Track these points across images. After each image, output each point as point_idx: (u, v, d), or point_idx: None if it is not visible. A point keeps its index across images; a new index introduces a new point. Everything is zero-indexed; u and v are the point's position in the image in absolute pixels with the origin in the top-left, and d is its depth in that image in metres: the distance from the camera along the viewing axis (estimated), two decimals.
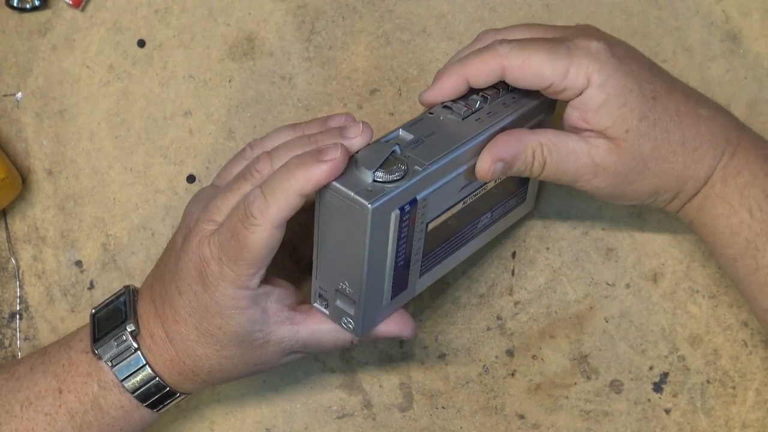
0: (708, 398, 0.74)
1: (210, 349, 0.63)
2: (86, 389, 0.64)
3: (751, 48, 0.73)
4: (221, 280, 0.60)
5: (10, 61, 0.75)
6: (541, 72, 0.59)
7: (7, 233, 0.76)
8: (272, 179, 0.58)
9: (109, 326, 0.65)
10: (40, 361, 0.66)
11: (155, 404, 0.65)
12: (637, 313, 0.74)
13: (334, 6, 0.74)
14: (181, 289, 0.62)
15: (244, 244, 0.58)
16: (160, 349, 0.64)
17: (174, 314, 0.63)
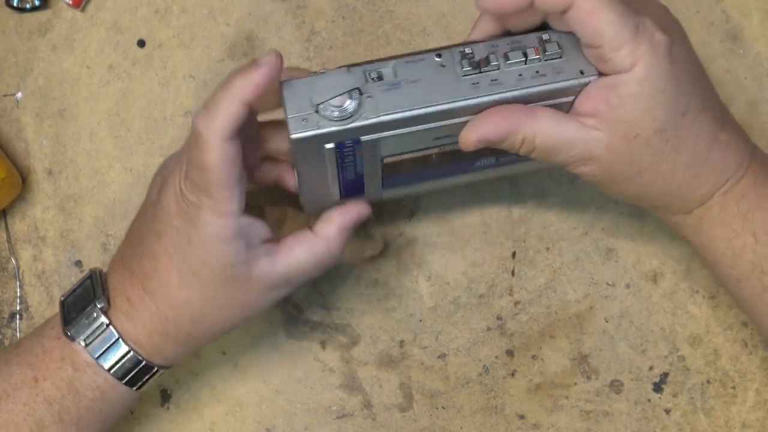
0: (708, 398, 0.74)
1: (193, 291, 0.61)
2: (61, 374, 0.63)
3: (751, 48, 0.73)
4: (201, 208, 0.59)
5: (10, 61, 0.75)
6: (603, 31, 0.56)
7: (7, 233, 0.76)
8: (213, 95, 0.58)
9: (78, 308, 0.64)
10: (15, 353, 0.65)
11: (134, 381, 0.64)
12: (637, 313, 0.74)
13: (334, 6, 0.74)
14: (160, 232, 0.61)
15: (203, 166, 0.58)
16: (138, 309, 0.62)
17: (153, 264, 0.61)
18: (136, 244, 0.63)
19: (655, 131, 0.58)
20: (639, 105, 0.57)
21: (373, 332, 0.75)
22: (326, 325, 0.75)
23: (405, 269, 0.75)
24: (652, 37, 0.56)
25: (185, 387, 0.75)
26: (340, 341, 0.75)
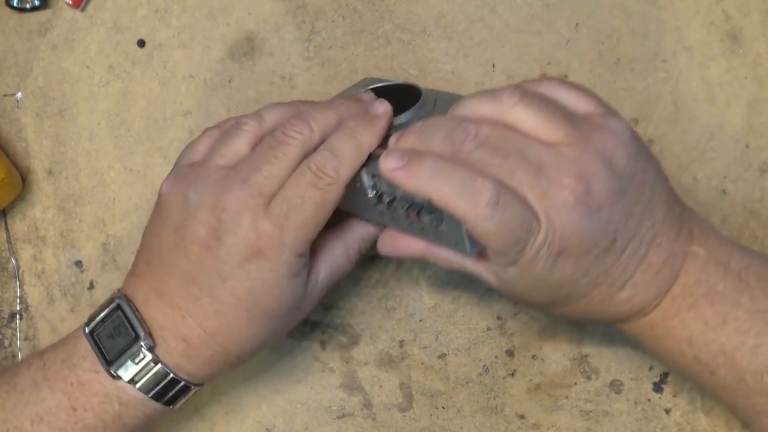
0: (708, 398, 0.74)
1: (263, 328, 0.62)
2: (105, 408, 0.63)
3: (751, 48, 0.73)
4: (284, 249, 0.60)
5: (10, 61, 0.75)
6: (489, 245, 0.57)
7: (7, 233, 0.76)
8: (336, 140, 0.61)
9: (118, 345, 0.62)
10: (42, 376, 0.64)
11: (175, 399, 0.64)
12: None
13: (334, 6, 0.74)
14: (226, 275, 0.60)
15: (320, 206, 0.60)
16: (198, 350, 0.62)
17: (216, 306, 0.61)
18: (186, 284, 0.61)
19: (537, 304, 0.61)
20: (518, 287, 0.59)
21: (373, 332, 0.75)
22: (326, 325, 0.75)
23: (405, 269, 0.75)
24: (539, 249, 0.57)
25: None
26: (340, 341, 0.75)
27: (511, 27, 0.73)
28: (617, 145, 0.58)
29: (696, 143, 0.73)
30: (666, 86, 0.73)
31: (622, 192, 0.58)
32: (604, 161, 0.57)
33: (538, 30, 0.73)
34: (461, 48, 0.74)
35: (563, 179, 0.56)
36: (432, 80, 0.74)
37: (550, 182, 0.56)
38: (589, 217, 0.56)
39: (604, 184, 0.57)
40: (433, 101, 0.66)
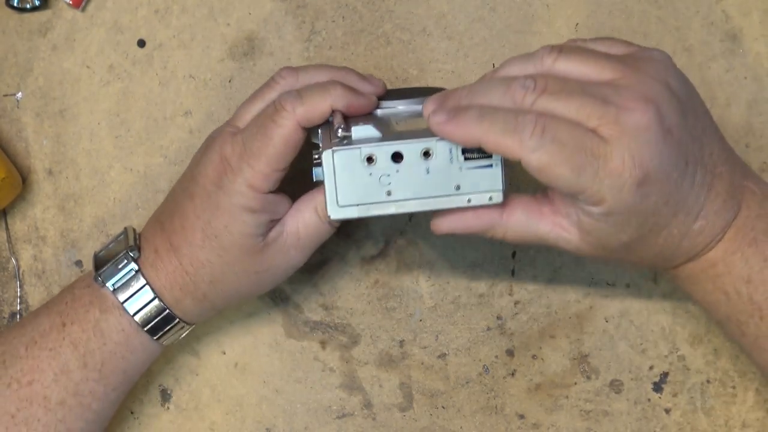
0: (708, 398, 0.74)
1: (213, 254, 0.64)
2: (88, 317, 0.66)
3: (751, 48, 0.73)
4: (238, 176, 0.62)
5: (10, 61, 0.75)
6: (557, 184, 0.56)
7: (7, 233, 0.76)
8: (309, 87, 0.63)
9: (109, 256, 0.67)
10: (44, 306, 0.68)
11: (155, 330, 0.66)
12: (637, 313, 0.74)
13: (334, 6, 0.74)
14: (193, 193, 0.64)
15: (270, 137, 0.61)
16: (162, 260, 0.65)
17: (182, 221, 0.65)
18: (171, 203, 0.67)
19: (621, 246, 0.59)
20: (605, 230, 0.58)
21: (373, 332, 0.75)
22: (326, 325, 0.75)
23: (405, 269, 0.75)
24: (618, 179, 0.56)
25: (185, 387, 0.75)
26: (340, 341, 0.75)
27: (511, 27, 0.73)
28: (666, 69, 0.58)
29: None
30: None
31: (684, 114, 0.58)
32: (662, 83, 0.57)
33: (538, 30, 0.73)
34: (461, 48, 0.74)
35: (630, 103, 0.56)
36: (432, 80, 0.74)
37: (618, 109, 0.56)
38: (663, 138, 0.56)
39: (670, 104, 0.57)
40: None
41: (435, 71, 0.74)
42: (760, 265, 0.60)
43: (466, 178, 0.60)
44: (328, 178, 0.60)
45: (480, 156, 0.59)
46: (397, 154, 0.59)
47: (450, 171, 0.60)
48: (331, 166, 0.59)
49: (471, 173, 0.60)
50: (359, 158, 0.59)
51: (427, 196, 0.60)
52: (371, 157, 0.59)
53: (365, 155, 0.59)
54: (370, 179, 0.60)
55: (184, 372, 0.75)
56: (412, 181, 0.60)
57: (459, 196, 0.60)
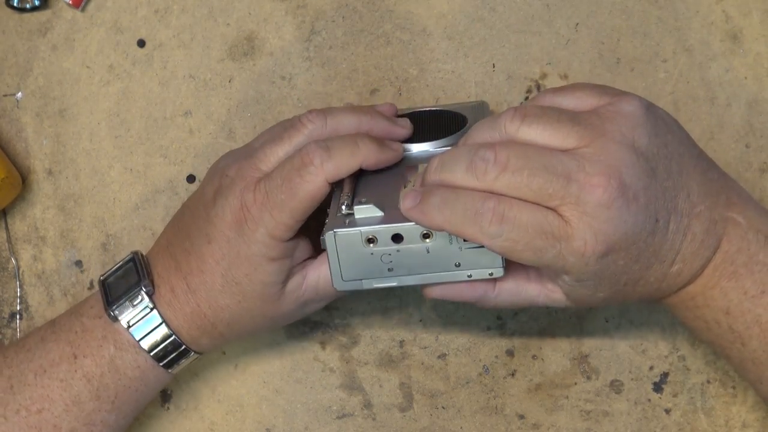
0: (708, 398, 0.74)
1: (232, 300, 0.64)
2: (102, 352, 0.65)
3: (751, 48, 0.73)
4: (260, 226, 0.61)
5: (10, 61, 0.75)
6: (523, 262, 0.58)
7: (7, 233, 0.76)
8: (339, 140, 0.61)
9: (121, 289, 0.65)
10: (51, 331, 0.67)
11: (170, 364, 0.66)
12: (637, 313, 0.74)
13: (334, 6, 0.74)
14: (211, 236, 0.63)
15: (296, 192, 0.60)
16: (180, 302, 0.65)
17: (199, 264, 0.64)
18: (185, 239, 0.65)
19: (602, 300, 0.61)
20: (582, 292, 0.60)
21: (373, 332, 0.75)
22: (326, 325, 0.75)
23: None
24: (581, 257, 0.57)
25: (185, 387, 0.75)
26: (340, 341, 0.75)
27: (511, 27, 0.73)
28: (633, 127, 0.58)
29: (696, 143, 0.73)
30: (666, 86, 0.73)
31: (652, 172, 0.58)
32: (626, 147, 0.57)
33: (538, 30, 0.73)
34: (461, 48, 0.74)
35: (593, 180, 0.56)
36: (432, 80, 0.74)
37: (581, 187, 0.56)
38: (627, 209, 0.57)
39: (634, 171, 0.57)
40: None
41: (435, 71, 0.74)
42: (739, 297, 0.61)
43: (466, 257, 0.61)
44: (331, 255, 0.61)
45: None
46: (397, 235, 0.60)
47: (450, 251, 0.61)
48: (334, 245, 0.60)
49: (471, 252, 0.61)
50: (360, 239, 0.60)
51: (428, 272, 0.61)
52: (372, 238, 0.60)
53: (366, 237, 0.60)
54: (372, 258, 0.61)
55: (184, 372, 0.75)
56: (412, 259, 0.61)
57: (460, 272, 0.61)
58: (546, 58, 0.73)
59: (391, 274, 0.61)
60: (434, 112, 0.70)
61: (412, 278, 0.61)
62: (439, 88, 0.74)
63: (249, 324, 0.66)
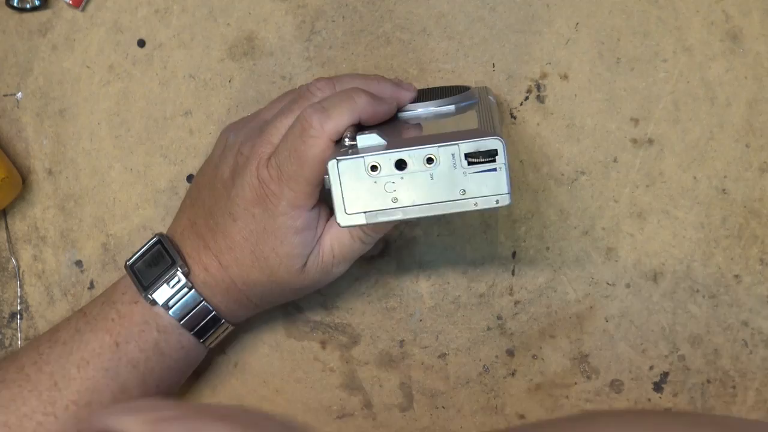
0: (708, 398, 0.74)
1: (262, 275, 0.65)
2: (145, 336, 0.66)
3: (751, 48, 0.73)
4: (281, 199, 0.62)
5: (10, 61, 0.75)
6: None
7: (7, 233, 0.76)
8: (333, 97, 0.62)
9: (155, 272, 0.66)
10: (84, 321, 0.67)
11: (209, 338, 0.67)
12: (638, 312, 0.74)
13: (334, 6, 0.74)
14: (236, 215, 0.64)
15: (304, 159, 0.61)
16: (216, 279, 0.65)
17: (228, 242, 0.64)
18: (208, 218, 0.66)
19: None
20: None
21: (373, 332, 0.75)
22: (326, 325, 0.75)
23: (405, 269, 0.75)
24: None
25: (185, 387, 0.75)
26: (340, 341, 0.75)
27: (511, 27, 0.73)
28: None
29: (696, 143, 0.73)
30: (666, 86, 0.73)
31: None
32: None
33: (538, 30, 0.73)
34: (461, 48, 0.74)
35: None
36: (432, 80, 0.74)
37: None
38: None
39: None
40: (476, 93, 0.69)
41: (435, 71, 0.74)
42: None
43: (471, 182, 0.60)
44: (334, 187, 0.60)
45: (484, 160, 0.60)
46: (401, 161, 0.60)
47: (454, 176, 0.60)
48: (337, 175, 0.60)
49: (475, 178, 0.60)
50: (363, 167, 0.60)
51: (434, 201, 0.60)
52: (375, 166, 0.60)
53: (369, 164, 0.60)
54: (375, 187, 0.60)
55: None
56: (417, 187, 0.60)
57: (465, 200, 0.60)
58: (546, 58, 0.73)
59: (395, 206, 0.60)
60: (438, 88, 0.71)
61: (418, 209, 0.60)
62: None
63: (279, 295, 0.68)
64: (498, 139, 0.59)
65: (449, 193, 0.60)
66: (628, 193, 0.73)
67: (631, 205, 0.73)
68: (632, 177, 0.73)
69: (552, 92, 0.73)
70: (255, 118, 0.67)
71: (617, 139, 0.73)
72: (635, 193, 0.73)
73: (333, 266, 0.66)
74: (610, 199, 0.74)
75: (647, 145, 0.73)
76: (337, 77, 0.66)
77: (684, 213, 0.73)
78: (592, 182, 0.73)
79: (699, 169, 0.73)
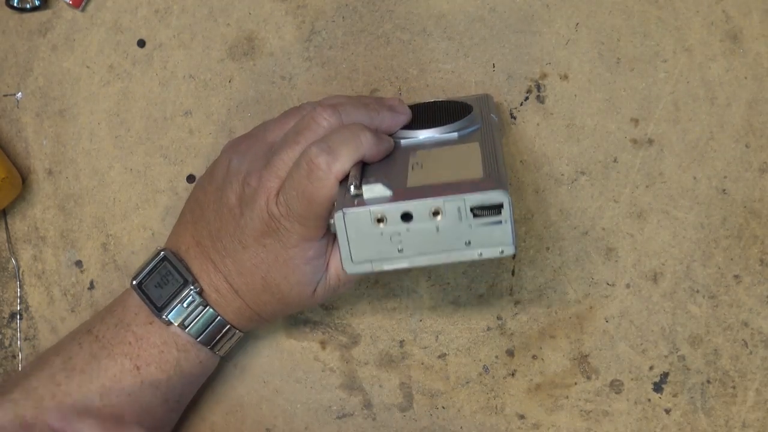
0: (708, 398, 0.74)
1: (273, 298, 0.66)
2: (166, 357, 0.66)
3: (751, 48, 0.73)
4: (293, 234, 0.63)
5: (10, 61, 0.75)
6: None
7: (7, 233, 0.76)
8: (339, 135, 0.62)
9: (167, 292, 0.66)
10: (99, 347, 0.67)
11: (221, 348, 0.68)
12: (637, 313, 0.74)
13: (334, 6, 0.74)
14: (245, 243, 0.64)
15: (312, 200, 0.61)
16: (227, 300, 0.66)
17: (238, 267, 0.65)
18: (215, 241, 0.66)
19: None
20: None
21: (373, 332, 0.75)
22: (326, 325, 0.75)
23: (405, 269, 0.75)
24: None
25: None
26: (340, 341, 0.75)
27: (511, 27, 0.73)
28: None
29: (696, 143, 0.73)
30: (666, 86, 0.73)
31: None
32: None
33: (538, 30, 0.73)
34: (461, 48, 0.74)
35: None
36: (432, 80, 0.74)
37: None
38: None
39: None
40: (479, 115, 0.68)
41: (435, 71, 0.74)
42: None
43: (476, 234, 0.60)
44: (341, 236, 0.60)
45: (489, 213, 0.60)
46: (407, 214, 0.60)
47: (460, 228, 0.60)
48: (343, 226, 0.60)
49: (481, 230, 0.60)
50: (369, 219, 0.60)
51: (439, 251, 0.61)
52: (381, 218, 0.60)
53: (375, 216, 0.60)
54: (382, 238, 0.60)
55: None
56: (422, 238, 0.60)
57: (470, 251, 0.61)
58: (546, 58, 0.73)
59: (401, 255, 0.61)
60: (440, 103, 0.71)
61: (423, 258, 0.61)
62: (439, 88, 0.74)
63: (288, 313, 0.69)
64: (503, 192, 0.59)
65: (454, 244, 0.60)
66: (628, 194, 0.73)
67: (631, 205, 0.73)
68: (632, 177, 0.73)
69: (552, 92, 0.73)
70: (258, 141, 0.67)
71: (617, 139, 0.73)
72: (635, 194, 0.73)
73: (339, 287, 0.67)
74: (610, 200, 0.74)
75: (647, 146, 0.73)
76: (341, 104, 0.65)
77: (684, 213, 0.73)
78: (592, 182, 0.73)
79: (699, 169, 0.73)
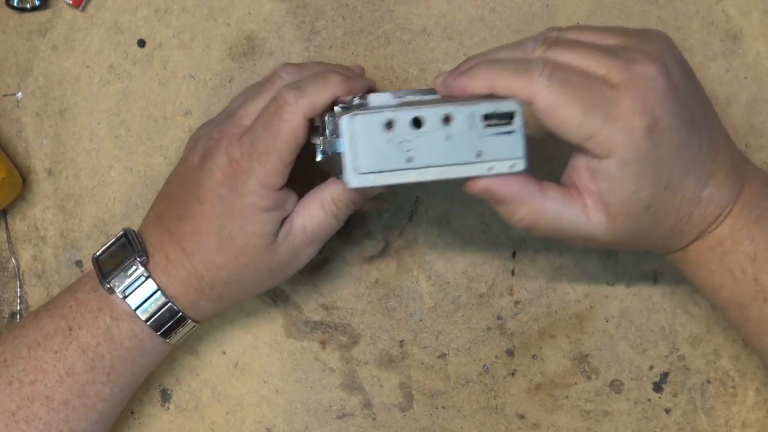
0: (708, 398, 0.74)
1: (228, 257, 0.64)
2: (98, 323, 0.66)
3: (751, 48, 0.73)
4: (251, 177, 0.62)
5: (10, 61, 0.75)
6: (565, 126, 0.57)
7: (7, 233, 0.76)
8: (308, 78, 0.63)
9: (115, 262, 0.66)
10: (45, 308, 0.68)
11: (167, 332, 0.67)
12: (637, 313, 0.74)
13: (334, 6, 0.74)
14: (203, 197, 0.64)
15: (278, 134, 0.61)
16: (176, 267, 0.65)
17: (193, 226, 0.64)
18: (175, 206, 0.66)
19: (643, 208, 0.59)
20: (624, 188, 0.58)
21: (373, 332, 0.75)
22: (326, 325, 0.75)
23: (405, 269, 0.75)
24: (628, 122, 0.56)
25: (185, 387, 0.75)
26: (340, 341, 0.75)
27: (511, 27, 0.73)
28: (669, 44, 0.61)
29: None
30: None
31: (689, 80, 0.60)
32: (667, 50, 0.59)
33: (538, 30, 0.73)
34: (461, 48, 0.74)
35: (638, 56, 0.57)
36: (432, 80, 0.74)
37: (628, 60, 0.57)
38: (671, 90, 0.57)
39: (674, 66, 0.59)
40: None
41: (435, 71, 0.74)
42: (765, 243, 0.61)
43: (487, 144, 0.58)
44: (347, 144, 0.58)
45: (500, 122, 0.58)
46: (418, 119, 0.58)
47: (470, 137, 0.58)
48: (351, 133, 0.58)
49: (491, 140, 0.58)
50: (379, 123, 0.58)
51: (448, 163, 0.59)
52: (391, 123, 0.58)
53: (385, 120, 0.58)
54: (390, 145, 0.58)
55: (184, 372, 0.75)
56: (432, 147, 0.58)
57: (480, 164, 0.59)
58: None
59: (409, 166, 0.58)
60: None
61: (432, 171, 0.58)
62: None
63: (247, 281, 0.66)
64: (515, 101, 0.58)
65: (464, 156, 0.58)
66: None
67: None
68: None
69: None
70: (224, 111, 0.68)
71: None
72: None
73: (304, 245, 0.66)
74: None
75: None
76: (303, 63, 0.66)
77: None
78: None
79: None
